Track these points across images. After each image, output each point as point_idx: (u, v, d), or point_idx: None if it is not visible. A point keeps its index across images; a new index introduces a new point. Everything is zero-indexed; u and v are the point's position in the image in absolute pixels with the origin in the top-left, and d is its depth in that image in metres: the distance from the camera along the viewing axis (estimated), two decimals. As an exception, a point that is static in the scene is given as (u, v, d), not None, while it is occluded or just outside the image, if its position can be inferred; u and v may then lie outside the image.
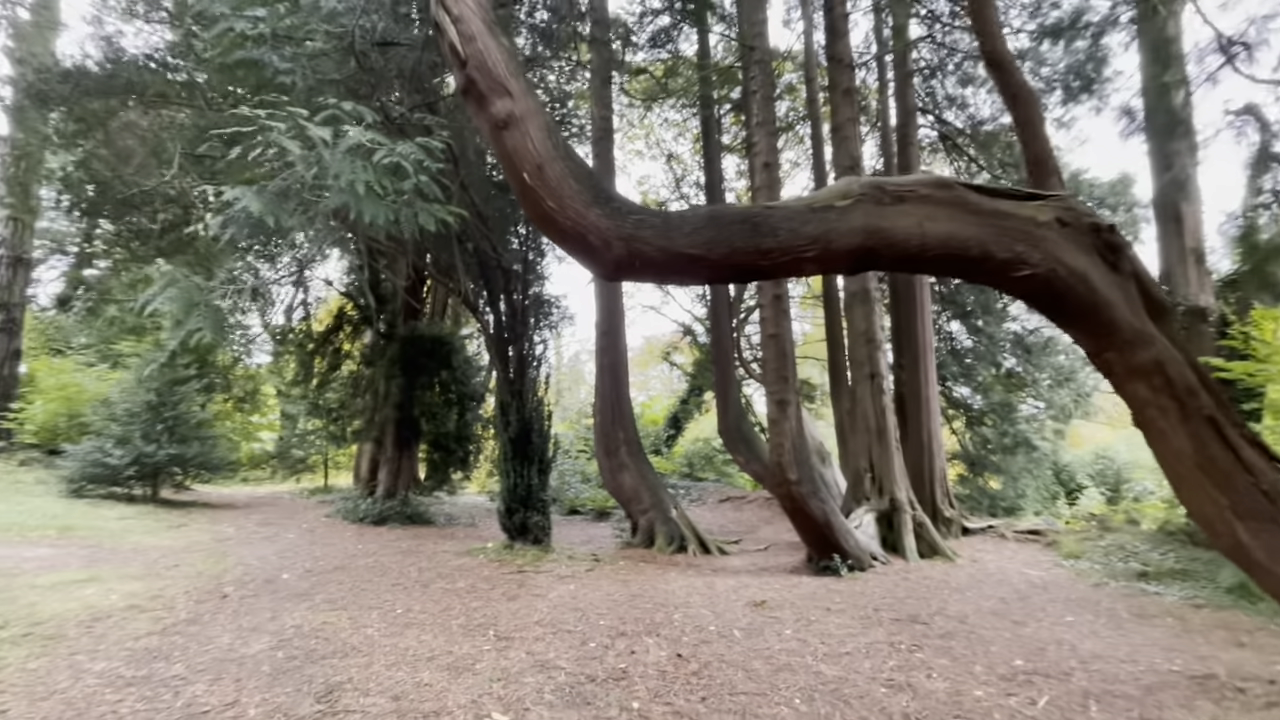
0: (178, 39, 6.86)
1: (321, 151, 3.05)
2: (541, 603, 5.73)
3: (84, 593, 5.18)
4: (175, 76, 6.63)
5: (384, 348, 13.27)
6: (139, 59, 6.76)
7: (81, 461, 10.69)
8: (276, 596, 5.50)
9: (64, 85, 6.54)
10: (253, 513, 11.61)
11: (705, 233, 2.87)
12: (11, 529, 7.76)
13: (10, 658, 3.65)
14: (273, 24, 3.75)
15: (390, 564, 7.24)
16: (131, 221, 8.24)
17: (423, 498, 13.12)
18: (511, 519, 8.28)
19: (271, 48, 3.78)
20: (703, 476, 21.59)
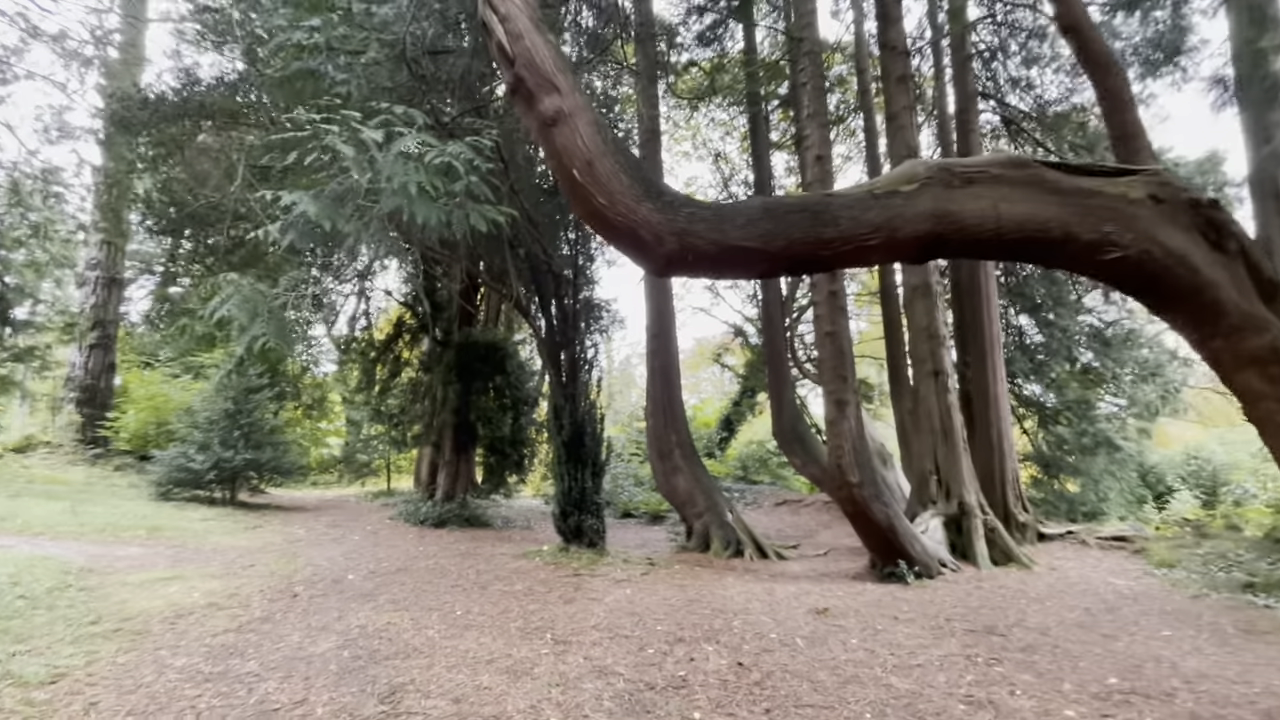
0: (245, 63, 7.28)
1: (374, 154, 3.11)
2: (598, 607, 5.69)
3: (168, 590, 5.47)
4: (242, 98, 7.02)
5: (441, 354, 13.62)
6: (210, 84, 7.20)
7: (168, 466, 11.39)
8: (343, 597, 5.66)
9: (144, 111, 7.03)
10: (321, 515, 12.09)
11: (761, 224, 2.76)
12: (107, 529, 8.31)
13: (102, 651, 3.86)
14: (327, 34, 3.89)
15: (450, 566, 7.36)
16: (206, 239, 8.77)
17: (480, 501, 13.37)
18: (566, 522, 8.31)
19: (328, 58, 3.92)
20: (757, 479, 21.22)
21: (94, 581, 5.57)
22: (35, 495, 10.67)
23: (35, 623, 4.30)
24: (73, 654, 3.75)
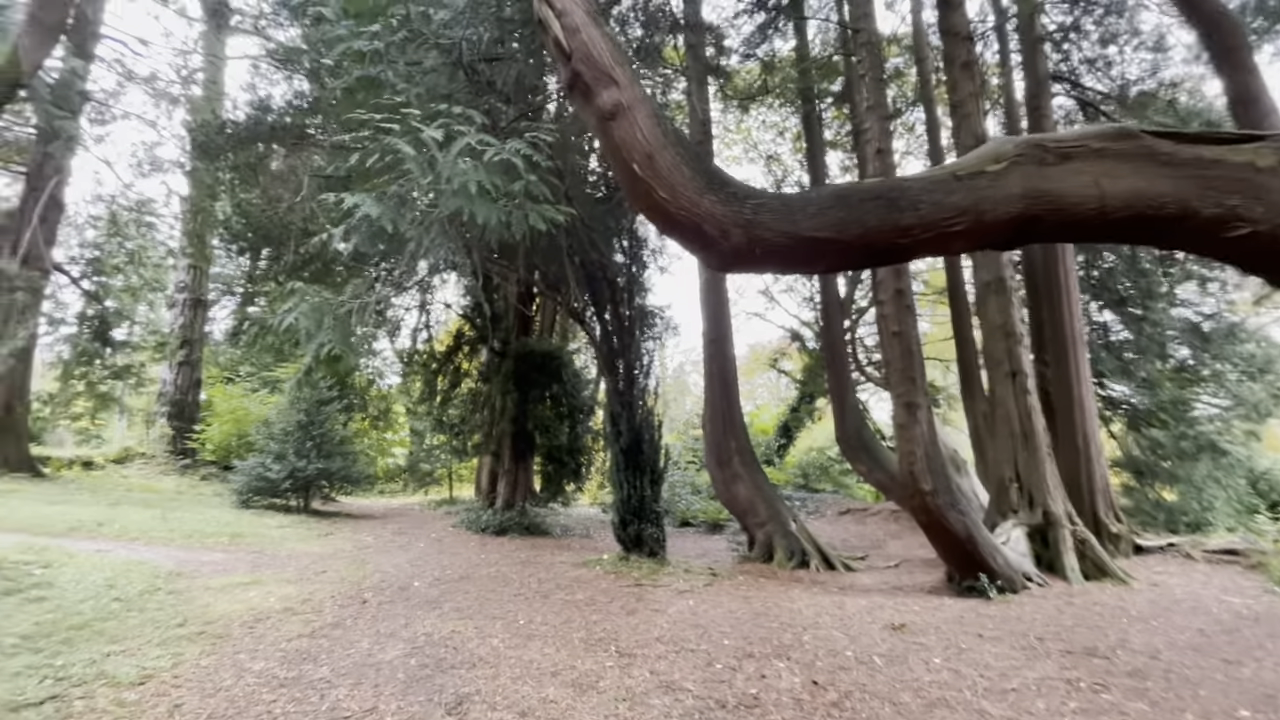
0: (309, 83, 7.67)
1: (434, 154, 3.14)
2: (661, 618, 5.55)
3: (248, 595, 5.68)
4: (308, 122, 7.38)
5: (499, 364, 13.84)
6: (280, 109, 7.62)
7: (248, 476, 11.99)
8: (409, 604, 5.73)
9: (221, 138, 7.49)
10: (388, 523, 12.44)
11: (834, 213, 2.59)
12: (193, 536, 8.77)
13: (187, 654, 4.00)
14: (386, 40, 3.98)
15: (511, 574, 7.38)
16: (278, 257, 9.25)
17: (539, 509, 13.46)
18: (626, 530, 8.21)
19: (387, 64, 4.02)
20: (819, 488, 20.59)
21: (181, 585, 5.84)
22: (132, 503, 11.42)
23: (128, 624, 4.52)
24: (160, 656, 3.90)
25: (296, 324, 4.77)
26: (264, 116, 7.71)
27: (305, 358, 9.46)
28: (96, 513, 9.60)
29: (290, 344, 7.99)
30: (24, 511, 9.14)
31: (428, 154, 3.19)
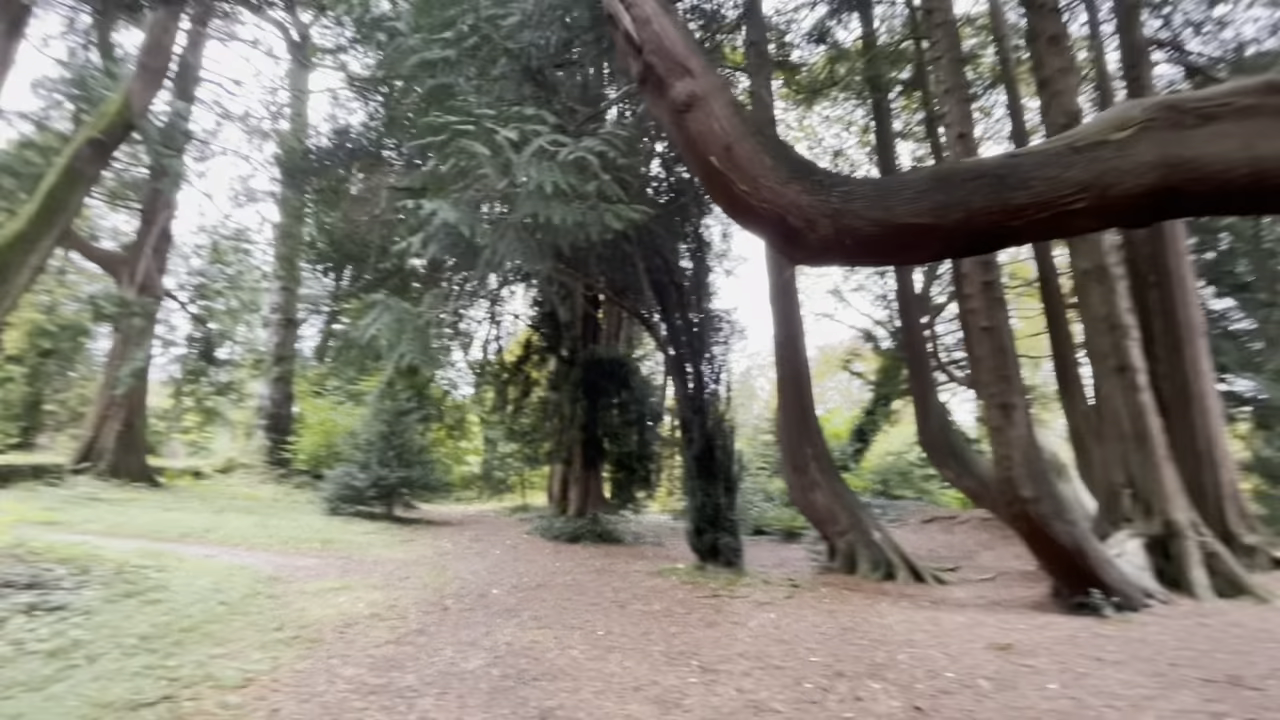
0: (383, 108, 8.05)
1: (509, 156, 3.14)
2: (742, 632, 5.34)
3: (338, 600, 5.89)
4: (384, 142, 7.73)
5: (567, 373, 13.98)
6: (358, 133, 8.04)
7: (336, 484, 12.61)
8: (489, 612, 5.78)
9: (304, 162, 7.96)
10: (465, 530, 12.76)
11: (933, 196, 2.36)
12: (289, 541, 9.26)
13: (284, 658, 4.15)
14: (458, 46, 4.06)
15: (587, 583, 7.35)
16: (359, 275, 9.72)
17: (610, 516, 13.46)
18: (701, 540, 8.03)
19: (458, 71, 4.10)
20: (899, 494, 19.63)
21: (278, 590, 6.13)
22: (235, 510, 12.23)
23: (232, 627, 4.76)
24: (260, 659, 4.06)
25: (378, 336, 4.94)
26: (343, 140, 8.15)
27: (386, 370, 9.89)
28: (204, 520, 10.31)
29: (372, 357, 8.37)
30: (143, 518, 9.94)
31: (503, 157, 3.20)
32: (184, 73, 16.82)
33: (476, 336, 17.02)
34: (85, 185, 7.40)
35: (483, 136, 3.24)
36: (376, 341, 5.08)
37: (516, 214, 3.37)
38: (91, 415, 15.56)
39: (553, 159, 3.26)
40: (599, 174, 3.27)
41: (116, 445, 14.80)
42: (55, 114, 15.59)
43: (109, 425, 14.98)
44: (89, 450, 14.72)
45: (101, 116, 7.48)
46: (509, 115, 3.45)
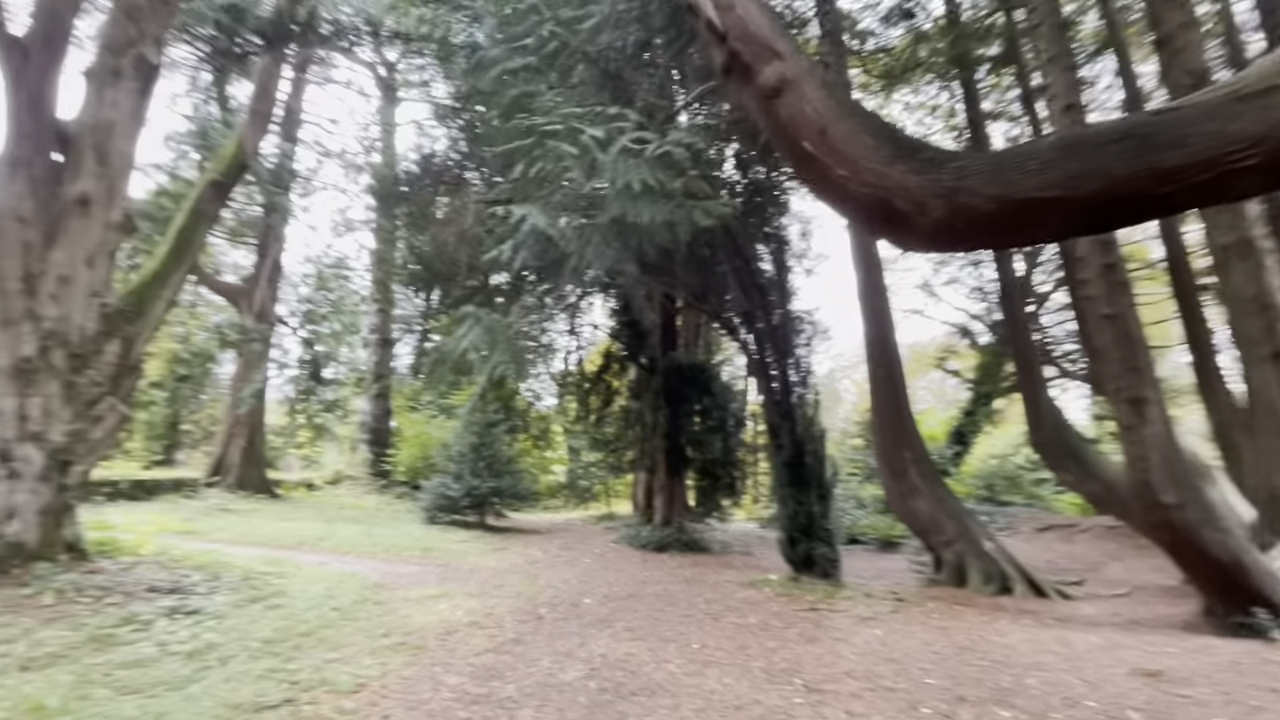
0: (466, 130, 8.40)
1: (595, 154, 3.12)
2: (847, 649, 5.03)
3: (438, 607, 6.07)
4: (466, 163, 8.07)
5: (648, 381, 13.97)
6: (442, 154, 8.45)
7: (432, 494, 13.18)
8: (582, 621, 5.78)
9: (393, 187, 8.44)
10: (554, 538, 12.97)
11: (1063, 166, 2.09)
12: (392, 549, 9.73)
13: (391, 664, 4.29)
14: (538, 50, 4.13)
15: (677, 593, 7.23)
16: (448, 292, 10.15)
17: (696, 524, 13.28)
18: (794, 549, 7.71)
19: (539, 77, 4.16)
20: (1007, 500, 18.20)
21: (384, 596, 6.41)
22: (344, 520, 13.04)
23: (344, 632, 4.99)
24: (370, 665, 4.22)
25: (471, 347, 5.09)
26: (428, 164, 8.59)
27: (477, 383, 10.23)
28: (317, 529, 11.04)
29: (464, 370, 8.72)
30: (264, 528, 10.77)
31: (589, 157, 3.19)
32: (288, 117, 18.36)
33: (558, 348, 17.41)
34: (208, 224, 8.14)
35: (569, 137, 3.24)
36: (469, 354, 5.23)
37: (604, 216, 3.34)
38: (220, 433, 17.16)
39: (639, 156, 3.21)
40: (686, 169, 3.18)
41: (241, 460, 16.22)
42: (183, 164, 17.42)
43: (235, 442, 16.45)
44: (218, 465, 16.22)
45: (219, 160, 8.23)
46: (593, 115, 3.44)
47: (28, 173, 5.69)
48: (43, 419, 5.52)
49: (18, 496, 5.30)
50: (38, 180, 5.73)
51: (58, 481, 5.59)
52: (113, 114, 6.18)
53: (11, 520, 5.24)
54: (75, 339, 5.85)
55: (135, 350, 6.67)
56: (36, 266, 5.62)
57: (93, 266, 6.01)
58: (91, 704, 3.13)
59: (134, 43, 6.36)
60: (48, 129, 5.90)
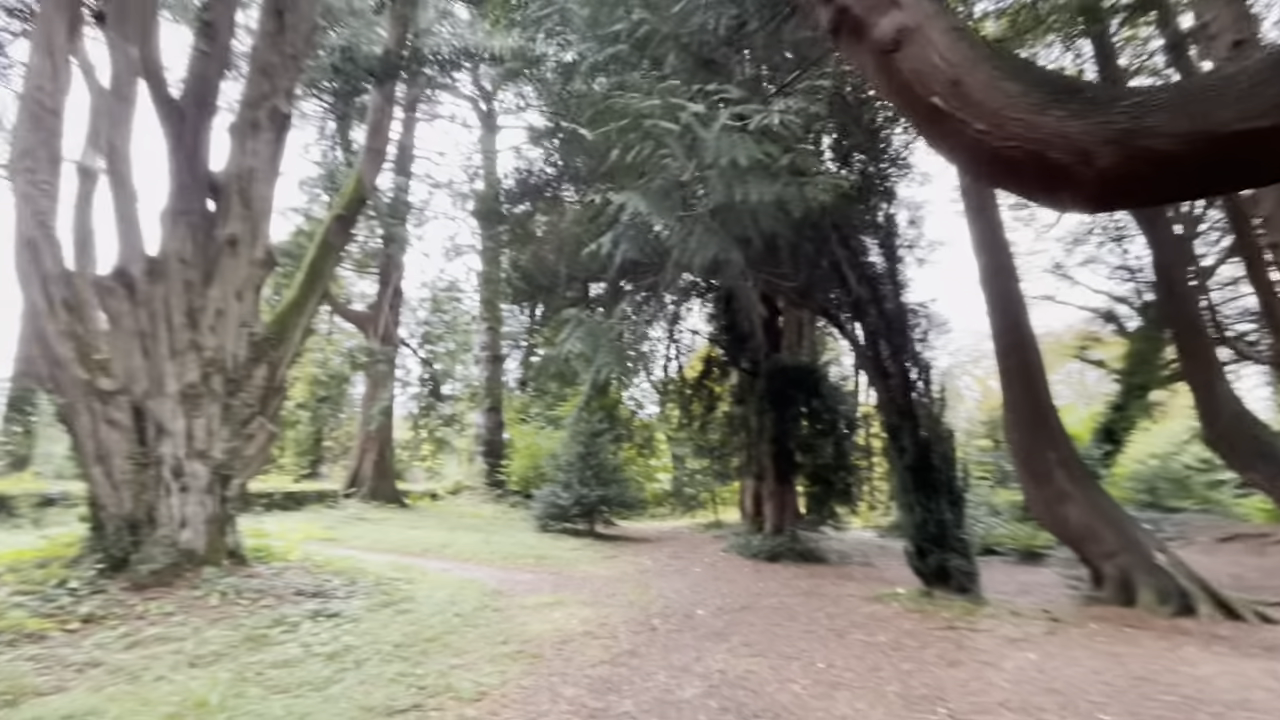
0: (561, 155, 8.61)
1: (696, 130, 2.96)
2: (997, 675, 4.48)
3: (553, 615, 6.12)
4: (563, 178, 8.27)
5: (751, 385, 13.57)
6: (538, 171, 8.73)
7: (544, 503, 13.55)
8: (696, 634, 5.59)
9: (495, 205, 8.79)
10: (662, 546, 12.88)
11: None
12: (508, 557, 10.05)
13: (510, 672, 4.33)
14: (630, 36, 4.04)
15: (795, 606, 6.84)
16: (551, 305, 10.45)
17: (808, 533, 12.68)
18: (925, 561, 7.07)
19: (629, 67, 4.07)
20: (1176, 506, 15.90)
21: (502, 603, 6.57)
22: (464, 528, 13.70)
23: (466, 639, 5.13)
24: (490, 673, 4.28)
25: (576, 350, 5.10)
26: (526, 181, 8.91)
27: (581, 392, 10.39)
28: (440, 536, 11.65)
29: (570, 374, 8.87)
30: (394, 535, 11.52)
31: (689, 135, 3.03)
32: (401, 154, 19.88)
33: (657, 355, 17.42)
34: (335, 255, 8.88)
35: (667, 114, 3.09)
36: (574, 357, 5.24)
37: (707, 202, 3.17)
38: (355, 448, 18.72)
39: (742, 131, 3.01)
40: (795, 141, 2.94)
41: (373, 473, 17.58)
42: (315, 205, 19.33)
43: (368, 456, 17.86)
44: (354, 477, 17.67)
45: (342, 196, 8.96)
46: (692, 93, 3.27)
47: (187, 220, 6.44)
48: (206, 438, 6.19)
49: (188, 508, 5.96)
50: (195, 226, 6.48)
51: (220, 494, 6.24)
52: (253, 162, 6.87)
53: (184, 529, 5.90)
54: (230, 365, 6.52)
55: (280, 374, 7.34)
56: (197, 302, 6.34)
57: (242, 300, 6.69)
58: (245, 702, 3.37)
59: (268, 96, 7.05)
60: (202, 180, 6.66)
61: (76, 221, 6.16)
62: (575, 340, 5.05)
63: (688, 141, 3.04)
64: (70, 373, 5.72)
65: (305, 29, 7.65)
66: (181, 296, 6.24)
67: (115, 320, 6.04)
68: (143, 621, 4.67)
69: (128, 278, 6.09)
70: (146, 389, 5.99)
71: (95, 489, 5.80)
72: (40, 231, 5.77)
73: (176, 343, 6.14)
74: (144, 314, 6.09)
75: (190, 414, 6.09)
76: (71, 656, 3.91)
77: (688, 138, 3.03)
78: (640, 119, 3.16)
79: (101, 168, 6.23)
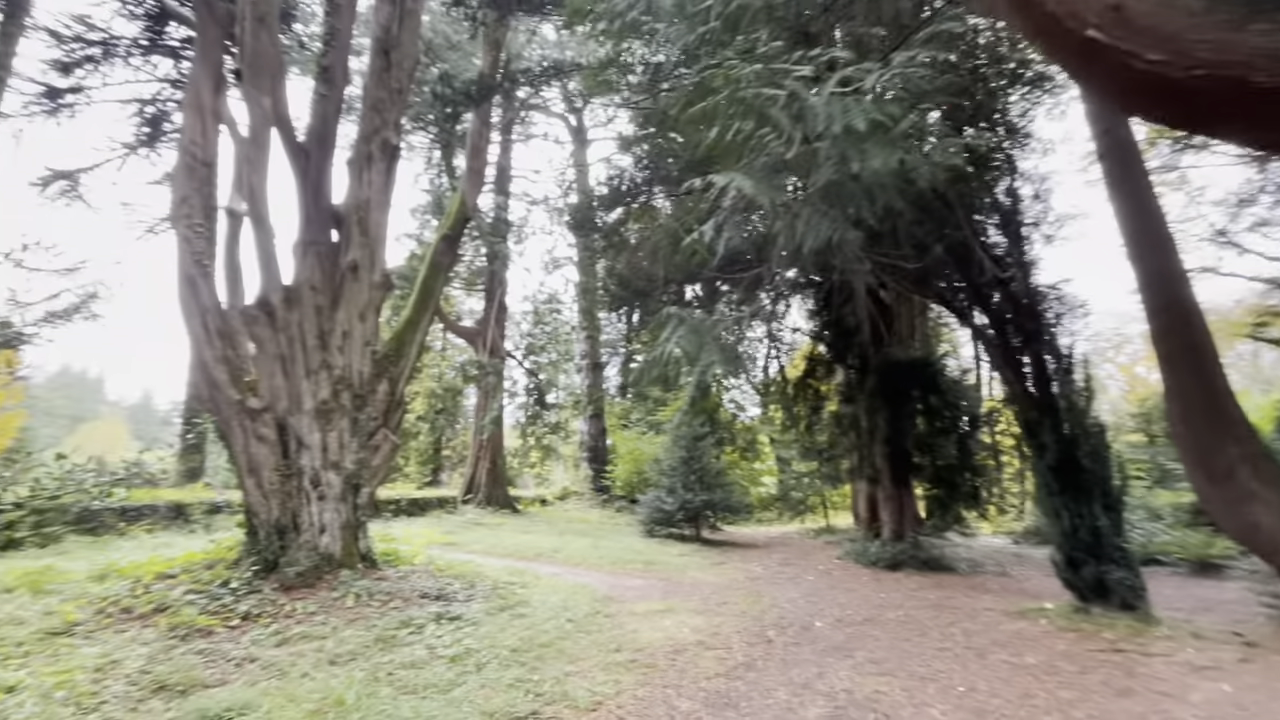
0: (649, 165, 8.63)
1: (803, 96, 2.72)
2: (1182, 709, 3.83)
3: (664, 623, 6.03)
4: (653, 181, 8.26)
5: (860, 382, 12.84)
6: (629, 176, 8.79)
7: (649, 508, 13.55)
8: (816, 648, 5.28)
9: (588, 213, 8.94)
10: (771, 552, 12.45)
11: None
12: (616, 562, 10.10)
13: (624, 682, 4.27)
14: (720, 13, 3.86)
15: (925, 620, 6.30)
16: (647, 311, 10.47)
17: (931, 539, 11.76)
18: (1078, 573, 6.26)
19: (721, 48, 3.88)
20: (1400, 508, 13.17)
21: (613, 609, 6.56)
22: (573, 533, 13.99)
23: (579, 645, 5.15)
24: (605, 681, 4.24)
25: (679, 349, 4.98)
26: (618, 190, 9.01)
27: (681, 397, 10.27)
28: (551, 541, 11.95)
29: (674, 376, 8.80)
30: (508, 540, 11.95)
31: (796, 102, 2.79)
32: (500, 175, 20.85)
33: (756, 356, 17.00)
34: (444, 274, 9.38)
35: (769, 80, 2.86)
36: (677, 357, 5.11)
37: (817, 177, 2.91)
38: (470, 457, 19.76)
39: (856, 93, 2.73)
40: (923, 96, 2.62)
41: (487, 480, 18.45)
42: (426, 230, 20.73)
43: (481, 464, 18.79)
44: (470, 484, 18.63)
45: (448, 217, 9.47)
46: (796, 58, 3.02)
47: (315, 250, 7.03)
48: (338, 449, 6.69)
49: (326, 514, 6.46)
50: (322, 255, 7.06)
51: (352, 501, 6.72)
52: (369, 192, 7.40)
53: (323, 534, 6.40)
54: (356, 382, 7.03)
55: (400, 388, 7.84)
56: (327, 325, 6.89)
57: (364, 321, 7.20)
58: (377, 702, 3.53)
59: (379, 130, 7.58)
60: (326, 213, 7.25)
61: (227, 259, 6.91)
62: (678, 339, 4.91)
63: (794, 111, 2.80)
64: (225, 394, 6.40)
65: (409, 65, 8.15)
66: (313, 320, 6.80)
67: (260, 345, 6.69)
68: (290, 620, 5.08)
69: (269, 306, 6.73)
70: (287, 406, 6.58)
71: (249, 498, 6.43)
72: (198, 270, 6.51)
73: (310, 363, 6.70)
74: (283, 338, 6.70)
75: (324, 428, 6.62)
76: (232, 651, 4.31)
77: (794, 106, 2.79)
78: (740, 90, 2.94)
79: (244, 209, 6.94)
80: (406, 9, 8.07)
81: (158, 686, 3.64)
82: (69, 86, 10.09)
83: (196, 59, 7.15)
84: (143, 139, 10.61)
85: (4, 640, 4.06)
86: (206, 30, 7.16)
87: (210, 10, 7.18)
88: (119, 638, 4.35)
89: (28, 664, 3.74)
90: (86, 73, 10.16)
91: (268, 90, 7.09)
